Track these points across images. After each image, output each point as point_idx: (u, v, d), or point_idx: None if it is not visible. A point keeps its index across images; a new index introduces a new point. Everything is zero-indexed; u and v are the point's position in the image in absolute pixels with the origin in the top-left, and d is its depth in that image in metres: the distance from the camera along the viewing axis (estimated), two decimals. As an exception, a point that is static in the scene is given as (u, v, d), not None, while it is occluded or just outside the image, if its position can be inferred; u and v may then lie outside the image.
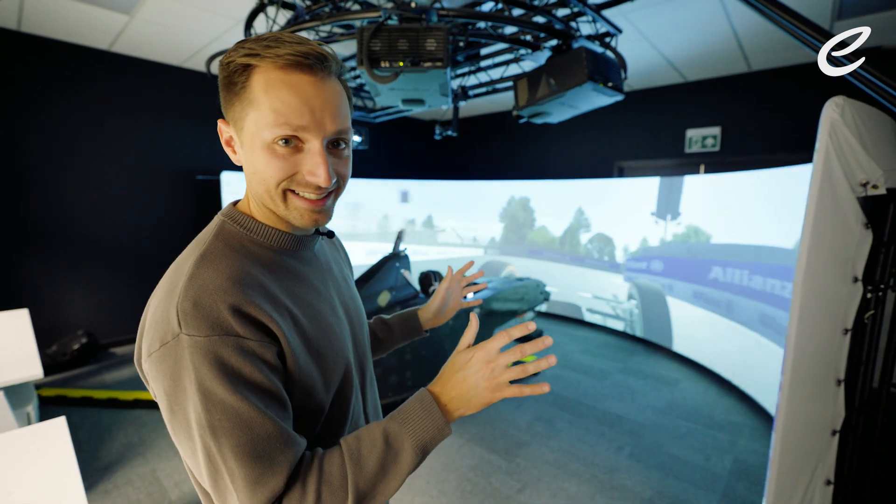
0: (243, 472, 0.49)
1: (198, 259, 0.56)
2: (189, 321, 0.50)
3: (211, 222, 0.64)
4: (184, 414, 0.51)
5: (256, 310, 0.53)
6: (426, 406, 0.58)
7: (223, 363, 0.50)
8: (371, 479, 0.54)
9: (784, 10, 1.42)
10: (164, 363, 0.51)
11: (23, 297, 3.42)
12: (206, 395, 0.49)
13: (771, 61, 3.61)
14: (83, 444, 2.52)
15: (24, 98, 3.37)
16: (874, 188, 1.32)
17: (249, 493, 0.49)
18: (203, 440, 0.50)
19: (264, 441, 0.50)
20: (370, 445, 0.55)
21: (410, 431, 0.56)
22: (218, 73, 0.57)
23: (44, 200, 3.53)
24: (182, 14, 2.96)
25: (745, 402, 3.17)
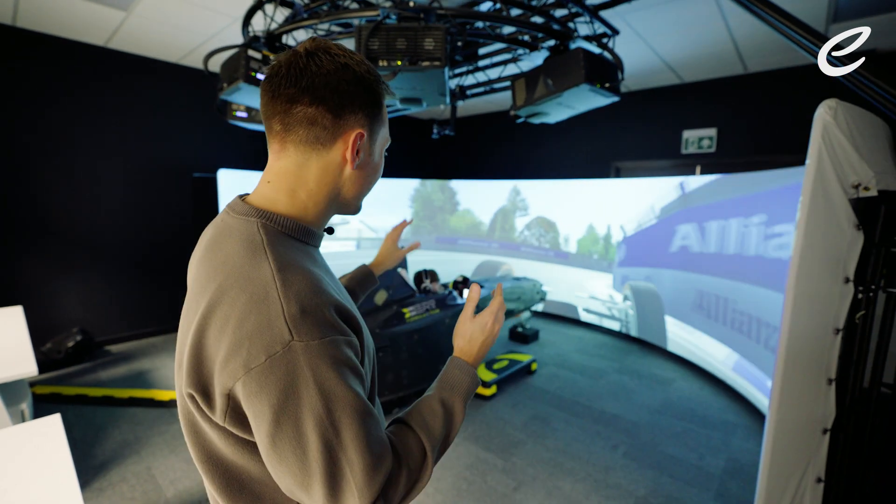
0: (364, 460, 0.52)
1: (278, 266, 0.55)
2: (300, 327, 0.51)
3: (239, 224, 0.62)
4: (294, 422, 0.50)
5: (345, 307, 0.58)
6: (467, 371, 0.73)
7: (339, 361, 0.53)
8: (439, 436, 0.65)
9: (779, 13, 1.43)
10: (272, 374, 0.50)
11: (17, 294, 3.40)
12: (328, 395, 0.51)
13: (767, 63, 3.64)
14: (78, 441, 2.51)
15: (18, 94, 3.35)
16: (866, 190, 1.33)
17: (369, 479, 0.52)
18: (324, 439, 0.50)
19: (375, 426, 0.55)
20: (431, 413, 0.66)
21: (459, 393, 0.70)
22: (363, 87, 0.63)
23: (39, 197, 3.51)
24: (179, 10, 2.95)
25: (739, 401, 3.19)
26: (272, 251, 0.57)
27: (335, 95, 0.60)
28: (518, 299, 3.81)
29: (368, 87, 0.63)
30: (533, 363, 3.62)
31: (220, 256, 0.59)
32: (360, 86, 0.62)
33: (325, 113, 0.60)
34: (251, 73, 2.19)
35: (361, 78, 0.62)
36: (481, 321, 0.76)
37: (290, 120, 0.61)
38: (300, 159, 0.63)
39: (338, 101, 0.60)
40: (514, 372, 3.41)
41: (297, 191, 0.64)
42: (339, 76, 0.60)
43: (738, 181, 3.40)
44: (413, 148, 6.61)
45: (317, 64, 0.59)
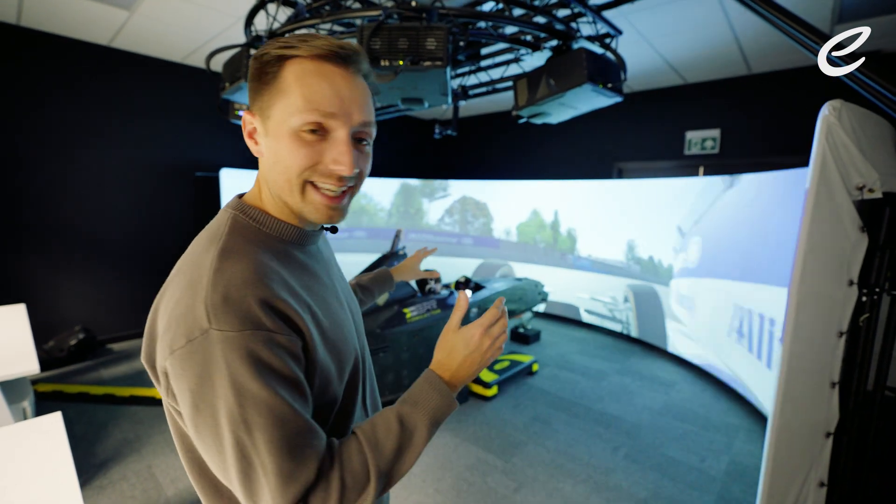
0: (276, 466, 0.49)
1: (220, 253, 0.55)
2: (219, 316, 0.50)
3: (219, 216, 0.63)
4: (211, 411, 0.50)
5: (283, 303, 0.54)
6: (436, 386, 0.63)
7: (256, 357, 0.50)
8: (390, 459, 0.57)
9: (783, 12, 1.42)
10: (190, 359, 0.50)
11: (21, 292, 3.41)
12: (240, 390, 0.49)
13: (771, 64, 3.62)
14: (79, 439, 2.51)
15: (22, 93, 3.37)
16: (870, 192, 1.32)
17: (282, 488, 0.50)
18: (236, 436, 0.49)
19: (296, 435, 0.51)
20: (386, 429, 0.58)
21: (423, 411, 0.61)
22: (249, 67, 0.59)
23: (42, 195, 3.53)
24: (182, 10, 2.95)
25: (742, 403, 3.17)
26: (226, 240, 0.57)
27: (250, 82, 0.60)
28: (519, 300, 3.80)
29: (252, 64, 0.58)
30: (534, 364, 3.62)
31: (192, 244, 0.61)
32: (252, 64, 0.59)
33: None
34: (253, 72, 2.19)
35: (254, 58, 0.58)
36: (466, 334, 0.66)
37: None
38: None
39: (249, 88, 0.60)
40: (515, 373, 3.40)
41: (263, 185, 0.64)
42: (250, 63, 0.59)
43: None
44: (415, 148, 6.61)
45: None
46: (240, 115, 3.02)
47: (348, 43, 0.58)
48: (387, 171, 6.05)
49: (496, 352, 0.67)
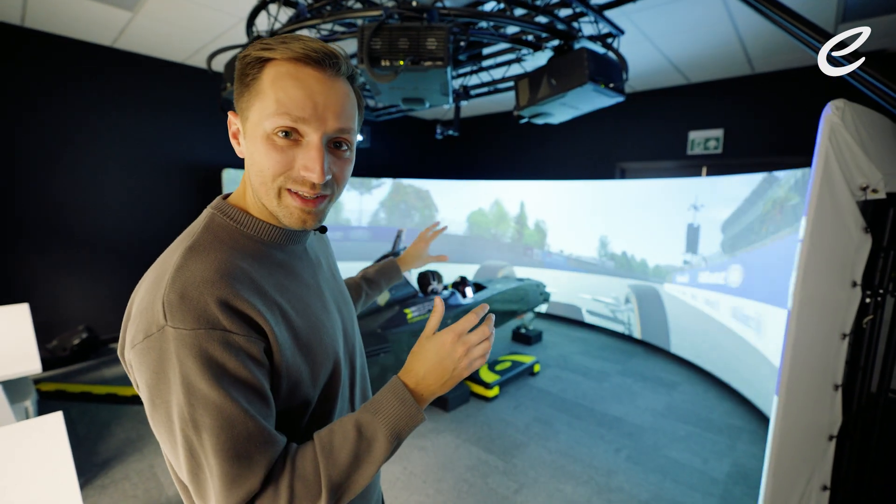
0: (221, 470, 0.49)
1: (186, 251, 0.55)
2: (175, 313, 0.49)
3: (201, 214, 0.63)
4: (165, 407, 0.50)
5: (244, 304, 0.53)
6: (398, 394, 0.59)
7: (208, 357, 0.49)
8: (344, 470, 0.54)
9: (786, 11, 1.41)
10: (147, 355, 0.50)
11: (24, 291, 3.44)
12: (190, 389, 0.49)
13: (774, 63, 3.60)
14: (82, 438, 2.52)
15: (26, 93, 3.38)
16: (874, 192, 1.31)
17: (225, 492, 0.50)
18: (185, 434, 0.49)
19: (245, 440, 0.50)
20: (342, 437, 0.55)
21: (383, 420, 0.57)
22: (237, 64, 0.58)
23: (46, 195, 3.55)
24: (184, 10, 2.96)
25: (745, 405, 3.15)
26: (197, 237, 0.57)
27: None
28: (521, 300, 3.79)
29: (238, 66, 0.57)
30: (536, 365, 3.61)
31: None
32: (236, 66, 0.57)
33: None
34: (254, 72, 2.19)
35: (238, 59, 0.57)
36: (437, 339, 0.61)
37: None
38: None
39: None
40: (516, 373, 3.40)
41: (248, 187, 0.63)
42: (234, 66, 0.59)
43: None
44: (416, 148, 6.61)
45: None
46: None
47: (327, 46, 0.57)
48: (388, 172, 6.05)
49: (474, 362, 0.62)
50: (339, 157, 0.60)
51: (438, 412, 2.96)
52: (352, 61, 0.65)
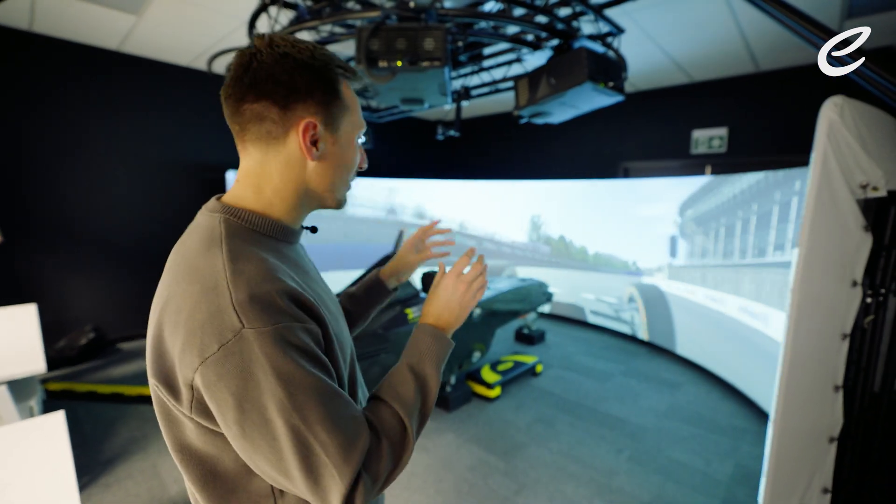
0: (336, 440, 0.51)
1: (229, 256, 0.56)
2: (250, 315, 0.51)
3: (204, 220, 0.63)
4: (258, 408, 0.50)
5: (301, 294, 0.57)
6: (430, 333, 0.71)
7: (294, 346, 0.52)
8: (415, 406, 0.63)
9: (788, 8, 1.39)
10: (228, 362, 0.50)
11: (32, 292, 3.49)
12: (286, 379, 0.50)
13: (779, 61, 3.55)
14: (87, 437, 2.56)
15: (35, 96, 3.44)
16: (874, 190, 1.29)
17: (345, 458, 0.52)
18: (290, 424, 0.50)
19: (343, 408, 0.54)
20: (403, 383, 0.65)
21: (429, 359, 0.68)
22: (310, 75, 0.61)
23: (53, 197, 3.60)
24: (187, 14, 2.99)
25: (749, 406, 3.12)
26: (228, 243, 0.58)
27: (278, 87, 0.58)
28: (523, 300, 3.77)
29: (316, 73, 0.60)
30: (538, 365, 3.59)
31: (181, 251, 0.61)
32: (306, 73, 0.60)
33: (270, 106, 0.59)
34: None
35: (305, 65, 0.59)
36: (442, 284, 0.75)
37: (242, 119, 0.61)
38: (260, 156, 0.63)
39: (282, 93, 0.59)
40: (518, 374, 3.39)
41: (262, 187, 0.64)
42: (280, 67, 0.58)
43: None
44: (418, 149, 6.62)
45: (258, 59, 0.58)
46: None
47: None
48: (390, 172, 6.06)
49: (476, 293, 0.75)
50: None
51: (440, 412, 2.96)
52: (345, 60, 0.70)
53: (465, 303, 0.74)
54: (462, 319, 0.74)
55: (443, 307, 0.73)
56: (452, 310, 0.74)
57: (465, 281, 0.74)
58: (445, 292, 0.74)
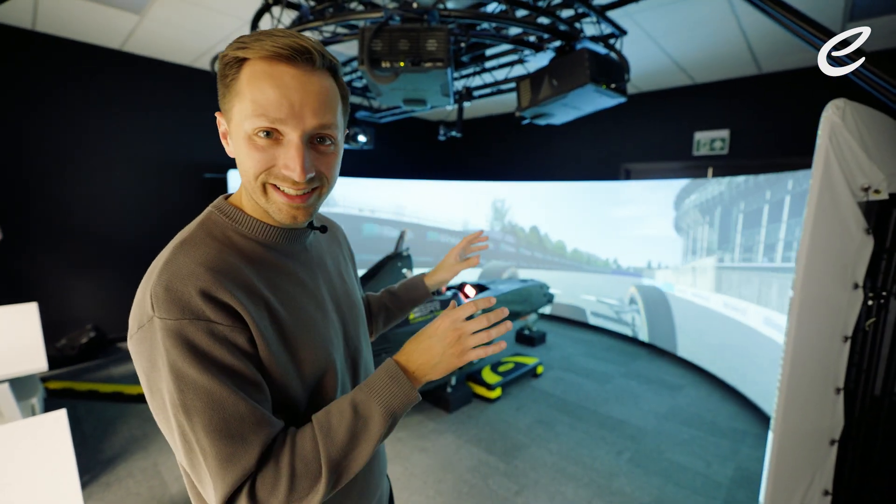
0: (214, 450, 0.51)
1: (177, 245, 0.57)
2: (161, 304, 0.52)
3: (202, 213, 0.65)
4: (160, 394, 0.52)
5: (226, 294, 0.54)
6: (392, 374, 0.60)
7: (193, 345, 0.51)
8: (342, 447, 0.55)
9: (790, 11, 1.39)
10: (141, 345, 0.53)
11: (33, 290, 3.49)
12: (178, 375, 0.51)
13: (781, 63, 3.56)
14: (88, 436, 2.56)
15: (37, 95, 3.45)
16: (876, 193, 1.29)
17: (220, 472, 0.51)
18: (177, 419, 0.51)
19: (236, 421, 0.51)
20: (339, 416, 0.57)
21: (378, 399, 0.58)
22: (220, 66, 0.58)
23: (55, 196, 3.61)
24: (190, 14, 3.00)
25: (749, 408, 3.12)
26: (191, 232, 0.60)
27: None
28: (524, 301, 3.78)
29: (219, 63, 0.57)
30: (539, 366, 3.59)
31: None
32: (217, 65, 0.58)
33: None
34: (257, 75, 2.21)
35: (218, 59, 0.59)
36: (435, 321, 0.62)
37: None
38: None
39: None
40: (519, 375, 3.39)
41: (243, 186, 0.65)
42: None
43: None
44: (420, 149, 6.62)
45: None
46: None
47: (298, 40, 0.55)
48: (391, 173, 6.07)
49: (467, 352, 0.61)
50: (323, 152, 0.60)
51: (440, 413, 2.96)
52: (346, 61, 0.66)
53: (447, 355, 0.60)
54: (438, 372, 0.61)
55: (421, 349, 0.61)
56: (430, 357, 0.61)
57: (459, 330, 0.61)
58: (432, 333, 0.61)
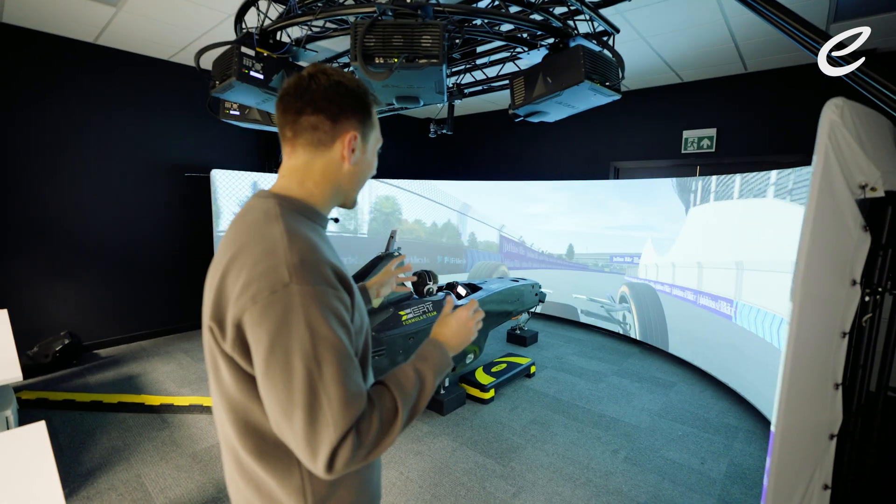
0: (340, 394, 0.61)
1: (286, 227, 0.69)
2: (298, 274, 0.63)
3: (260, 204, 0.75)
4: (285, 350, 0.61)
5: (340, 269, 0.70)
6: (439, 347, 0.84)
7: (328, 307, 0.64)
8: (410, 397, 0.72)
9: (781, 10, 1.40)
10: (272, 308, 0.62)
11: (2, 297, 3.33)
12: (315, 332, 0.62)
13: (767, 63, 3.62)
14: (64, 448, 2.44)
15: (5, 92, 3.28)
16: (872, 190, 1.30)
17: (343, 411, 0.61)
18: (307, 369, 0.61)
19: (354, 370, 0.65)
20: (405, 377, 0.74)
21: (431, 365, 0.79)
22: (354, 99, 0.78)
23: (25, 197, 3.44)
24: (169, 6, 2.89)
25: (741, 404, 3.17)
26: (283, 219, 0.71)
27: (332, 106, 0.76)
28: (516, 301, 3.76)
29: (359, 98, 0.79)
30: (532, 366, 3.58)
31: (243, 223, 0.74)
32: (352, 97, 0.77)
33: (324, 120, 0.76)
34: (244, 70, 2.14)
35: (352, 91, 0.78)
36: (458, 313, 0.90)
37: (298, 127, 0.77)
38: (307, 158, 0.78)
39: (334, 110, 0.76)
40: (512, 375, 3.37)
41: (305, 181, 0.79)
42: (334, 90, 0.75)
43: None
44: (409, 147, 6.56)
45: (316, 82, 0.75)
46: (231, 115, 2.95)
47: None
48: (380, 172, 5.99)
49: (477, 328, 0.92)
50: None
51: (434, 415, 2.92)
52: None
53: (469, 333, 0.90)
54: (464, 346, 0.90)
55: (454, 332, 0.88)
56: (460, 336, 0.89)
57: (472, 319, 0.91)
58: (458, 321, 0.89)
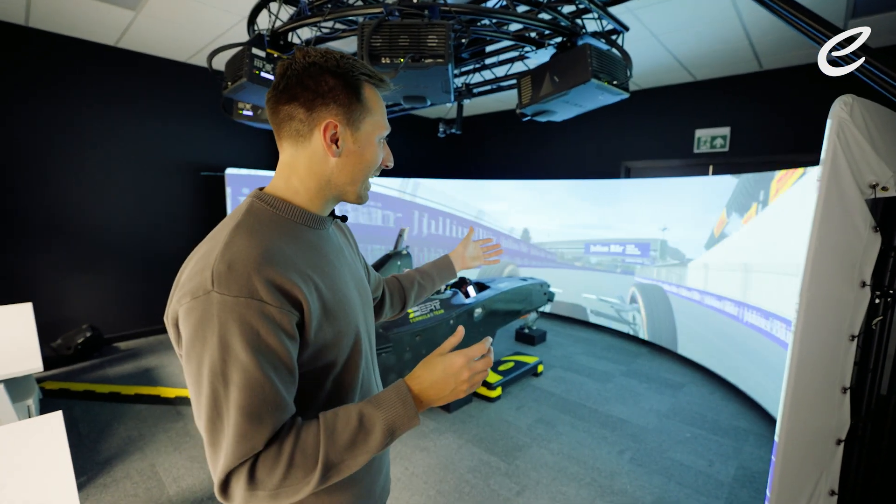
0: (237, 423, 0.56)
1: (233, 229, 0.64)
2: (221, 281, 0.57)
3: (244, 201, 0.73)
4: (197, 360, 0.58)
5: (283, 280, 0.61)
6: (402, 397, 0.66)
7: (245, 322, 0.57)
8: (340, 452, 0.61)
9: (795, 6, 1.37)
10: (191, 313, 0.58)
11: (28, 291, 3.46)
12: (226, 347, 0.56)
13: (783, 60, 3.54)
14: (84, 437, 2.53)
15: (30, 93, 3.41)
16: (884, 190, 1.27)
17: (234, 444, 0.56)
18: (213, 386, 0.57)
19: (261, 402, 0.58)
20: (345, 422, 0.62)
21: (384, 416, 0.64)
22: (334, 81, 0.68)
23: (50, 195, 3.57)
24: (186, 9, 2.96)
25: (752, 407, 3.11)
26: (244, 220, 0.66)
27: (306, 91, 0.67)
28: (524, 300, 3.76)
29: (339, 78, 0.68)
30: (539, 365, 3.58)
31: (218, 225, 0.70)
32: (330, 78, 0.67)
33: (297, 108, 0.68)
34: (255, 71, 2.18)
35: (329, 71, 0.67)
36: (449, 358, 0.68)
37: (278, 119, 0.70)
38: (291, 152, 0.71)
39: (308, 96, 0.67)
40: (519, 374, 3.37)
41: (290, 178, 0.72)
42: (307, 73, 0.67)
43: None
44: (419, 147, 6.59)
45: (292, 67, 0.67)
46: (244, 115, 3.01)
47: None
48: (390, 171, 6.04)
49: (472, 386, 0.69)
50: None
51: (441, 413, 2.94)
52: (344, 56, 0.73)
53: (457, 390, 0.68)
54: (443, 402, 0.70)
55: (435, 381, 0.67)
56: (442, 389, 0.67)
57: (472, 369, 0.68)
58: (447, 369, 0.67)
